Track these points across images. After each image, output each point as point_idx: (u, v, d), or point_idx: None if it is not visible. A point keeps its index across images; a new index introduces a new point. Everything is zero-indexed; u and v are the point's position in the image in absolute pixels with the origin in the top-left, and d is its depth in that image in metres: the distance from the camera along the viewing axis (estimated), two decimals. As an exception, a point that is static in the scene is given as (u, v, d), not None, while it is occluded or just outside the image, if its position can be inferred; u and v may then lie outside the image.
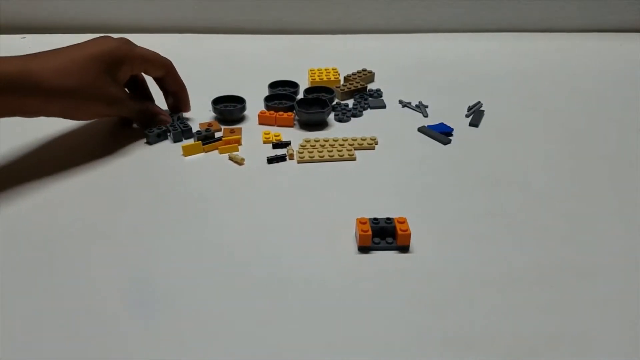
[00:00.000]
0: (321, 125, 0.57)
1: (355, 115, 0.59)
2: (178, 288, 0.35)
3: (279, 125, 0.57)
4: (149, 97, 0.56)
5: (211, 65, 0.74)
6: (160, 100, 0.57)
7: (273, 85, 0.63)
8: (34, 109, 0.44)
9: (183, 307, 0.33)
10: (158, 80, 0.55)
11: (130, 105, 0.51)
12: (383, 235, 0.38)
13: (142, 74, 0.53)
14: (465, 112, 0.60)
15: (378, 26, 0.87)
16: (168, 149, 0.52)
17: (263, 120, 0.57)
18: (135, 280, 0.35)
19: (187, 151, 0.51)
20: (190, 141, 0.53)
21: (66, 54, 0.45)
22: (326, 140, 0.52)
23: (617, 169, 0.49)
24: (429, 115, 0.60)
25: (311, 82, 0.66)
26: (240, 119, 0.58)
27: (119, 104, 0.49)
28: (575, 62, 0.76)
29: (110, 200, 0.44)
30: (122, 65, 0.48)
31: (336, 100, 0.63)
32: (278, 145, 0.52)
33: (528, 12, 0.86)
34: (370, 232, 0.37)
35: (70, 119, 0.49)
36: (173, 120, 0.54)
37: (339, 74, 0.68)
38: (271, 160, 0.50)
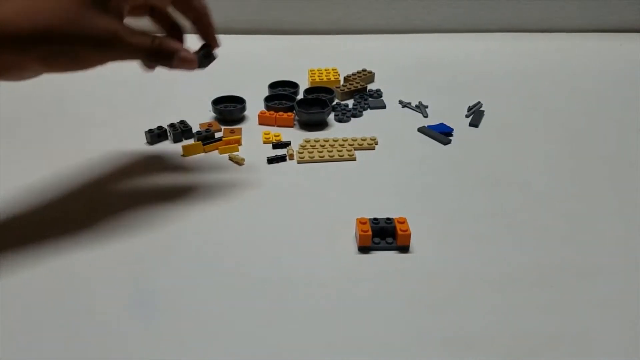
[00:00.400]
0: (321, 125, 0.57)
1: (355, 116, 0.59)
2: (178, 288, 0.35)
3: (279, 126, 0.57)
4: (176, 31, 0.43)
5: (211, 65, 0.74)
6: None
7: (273, 86, 0.63)
8: (6, 63, 0.33)
9: (183, 307, 0.33)
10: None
11: (132, 42, 0.36)
12: (383, 235, 0.38)
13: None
14: (465, 112, 0.60)
15: (378, 26, 0.87)
16: (168, 149, 0.52)
17: (263, 121, 0.57)
18: (136, 281, 0.35)
19: (187, 151, 0.51)
20: (191, 141, 0.53)
21: None
22: (326, 141, 0.52)
23: (617, 168, 0.49)
24: (429, 116, 0.60)
25: (311, 82, 0.66)
26: (241, 119, 0.58)
27: (112, 43, 0.35)
28: (575, 62, 0.76)
29: (110, 199, 0.44)
30: None
31: (336, 101, 0.63)
32: (278, 145, 0.52)
33: (528, 12, 0.86)
34: (370, 232, 0.37)
35: (57, 71, 0.37)
36: (174, 125, 0.54)
37: (338, 74, 0.68)
38: (271, 160, 0.50)
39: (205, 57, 0.40)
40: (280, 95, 0.60)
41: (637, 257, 0.38)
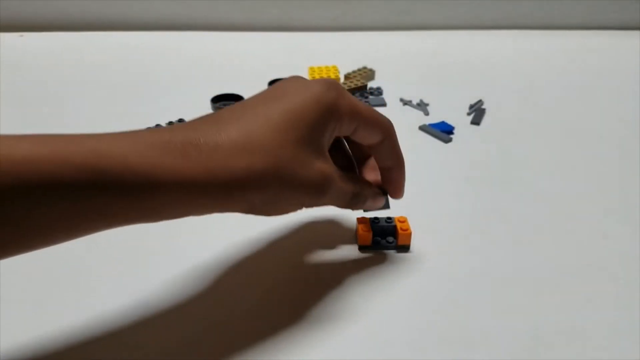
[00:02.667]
0: (321, 123, 0.56)
1: (355, 114, 0.59)
2: (178, 288, 0.34)
3: (278, 124, 0.56)
4: (351, 164, 0.36)
5: (210, 63, 0.74)
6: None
7: (273, 83, 0.63)
8: (203, 209, 0.27)
9: (182, 307, 0.33)
10: (363, 147, 0.34)
11: (342, 188, 0.31)
12: (383, 234, 0.38)
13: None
14: (467, 111, 0.60)
15: (378, 23, 0.87)
16: (166, 147, 0.52)
17: (262, 119, 0.57)
18: (135, 281, 0.35)
19: (186, 150, 0.50)
20: (189, 140, 0.53)
21: (240, 117, 0.27)
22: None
23: (619, 167, 0.49)
24: (430, 114, 0.59)
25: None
26: (240, 117, 0.58)
27: (326, 188, 0.29)
28: (578, 60, 0.75)
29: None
30: (329, 122, 0.29)
31: (336, 99, 0.63)
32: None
33: (530, 9, 0.86)
34: (370, 231, 0.37)
35: (253, 214, 0.29)
36: (173, 123, 0.54)
37: (339, 72, 0.67)
38: (270, 159, 0.49)
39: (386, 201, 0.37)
40: (280, 93, 0.60)
41: (638, 256, 0.37)
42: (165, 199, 0.24)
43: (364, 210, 0.35)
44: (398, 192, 0.36)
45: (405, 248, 0.38)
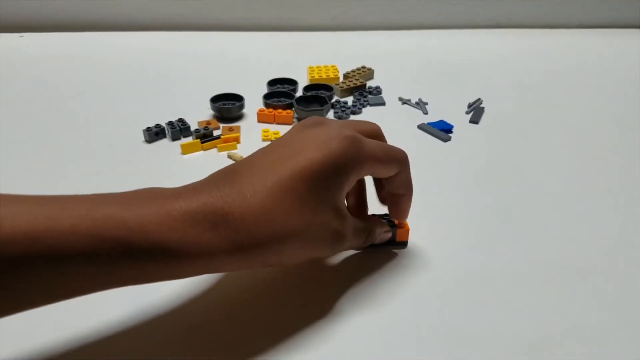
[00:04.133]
0: (320, 122, 0.57)
1: (354, 113, 0.59)
2: (177, 287, 0.35)
3: (277, 123, 0.56)
4: (364, 202, 0.37)
5: (209, 62, 0.74)
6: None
7: (272, 83, 0.63)
8: (226, 267, 0.29)
9: (181, 306, 0.33)
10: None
11: (353, 244, 0.33)
12: None
13: None
14: (466, 109, 0.60)
15: (377, 23, 0.87)
16: (166, 147, 0.52)
17: (262, 118, 0.57)
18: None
19: (186, 149, 0.50)
20: (189, 139, 0.53)
21: (260, 180, 0.27)
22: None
23: (618, 165, 0.49)
24: (428, 113, 0.59)
25: (310, 79, 0.66)
26: (239, 116, 0.58)
27: (340, 243, 0.31)
28: (576, 59, 0.76)
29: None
30: (347, 179, 0.30)
31: (335, 98, 0.63)
32: (277, 143, 0.52)
33: (528, 8, 0.86)
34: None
35: (268, 267, 0.31)
36: (172, 123, 0.54)
37: (338, 71, 0.67)
38: (270, 158, 0.49)
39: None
40: (279, 92, 0.60)
41: (638, 255, 0.37)
42: (189, 267, 0.26)
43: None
44: (403, 217, 0.37)
45: (403, 244, 0.38)
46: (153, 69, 0.72)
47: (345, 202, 0.35)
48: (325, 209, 0.29)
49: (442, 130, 0.54)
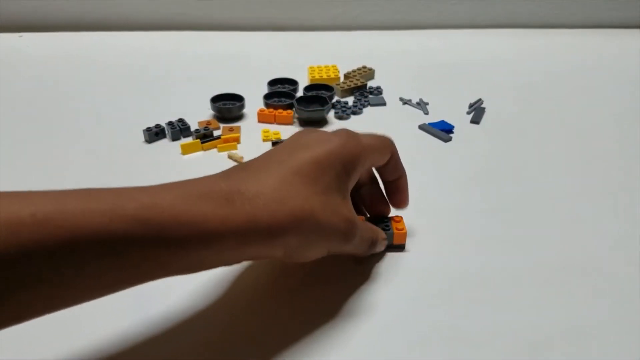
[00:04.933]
0: (321, 123, 0.57)
1: (355, 113, 0.59)
2: (176, 287, 0.34)
3: (278, 123, 0.56)
4: (382, 198, 0.38)
5: (209, 62, 0.74)
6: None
7: (272, 83, 0.63)
8: (243, 255, 0.28)
9: (180, 306, 0.33)
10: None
11: (364, 237, 0.33)
12: None
13: None
14: (466, 110, 0.60)
15: (378, 23, 0.87)
16: (166, 147, 0.52)
17: (262, 118, 0.57)
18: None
19: (186, 149, 0.50)
20: (189, 139, 0.53)
21: (272, 167, 0.28)
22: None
23: (618, 165, 0.49)
24: (429, 113, 0.59)
25: (311, 79, 0.66)
26: (239, 117, 0.58)
27: (352, 234, 0.31)
28: (576, 59, 0.75)
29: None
30: (354, 170, 0.31)
31: (336, 98, 0.63)
32: (277, 143, 0.52)
33: (529, 8, 0.86)
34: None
35: (285, 260, 0.30)
36: (172, 123, 0.54)
37: (338, 71, 0.67)
38: (270, 158, 0.49)
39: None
40: (280, 92, 0.60)
41: (638, 255, 0.37)
42: (210, 248, 0.25)
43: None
44: (405, 200, 0.38)
45: (400, 247, 0.38)
46: (153, 69, 0.71)
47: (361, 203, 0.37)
48: (336, 196, 0.29)
49: (442, 130, 0.54)
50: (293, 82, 0.63)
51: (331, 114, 0.58)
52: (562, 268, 0.36)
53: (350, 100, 0.62)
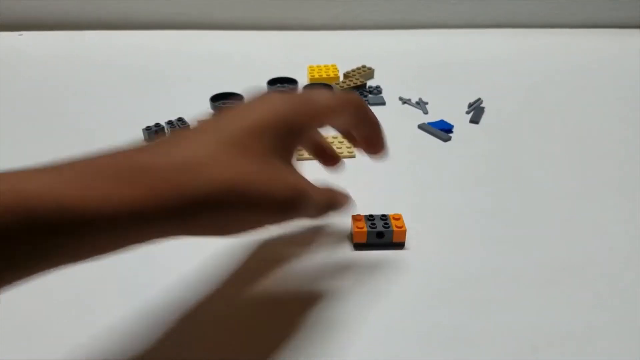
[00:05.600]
0: (320, 122, 0.56)
1: (354, 112, 0.59)
2: (176, 287, 0.34)
3: (277, 123, 0.56)
4: (328, 156, 0.38)
5: (209, 61, 0.74)
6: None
7: (272, 82, 0.63)
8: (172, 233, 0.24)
9: (179, 306, 0.33)
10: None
11: (315, 200, 0.29)
12: (380, 234, 0.38)
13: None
14: (466, 109, 0.60)
15: (378, 22, 0.87)
16: (166, 146, 0.52)
17: (262, 118, 0.57)
18: (134, 280, 0.35)
19: (185, 149, 0.50)
20: (188, 139, 0.52)
21: (193, 136, 0.26)
22: (325, 138, 0.51)
23: (618, 165, 0.49)
24: (429, 112, 0.59)
25: (310, 78, 0.66)
26: (239, 116, 0.58)
27: (298, 202, 0.27)
28: (577, 58, 0.75)
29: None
30: (300, 135, 0.29)
31: (335, 97, 0.63)
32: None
33: (529, 8, 0.86)
34: (365, 229, 0.37)
35: (210, 236, 0.26)
36: (172, 122, 0.54)
37: (338, 71, 0.67)
38: (270, 157, 0.49)
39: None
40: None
41: (638, 255, 0.37)
42: (109, 234, 0.21)
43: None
44: (383, 147, 0.35)
45: (400, 245, 0.38)
46: (153, 68, 0.71)
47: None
48: (276, 161, 0.26)
49: (442, 130, 0.54)
50: (293, 82, 0.63)
51: (331, 114, 0.58)
52: (562, 268, 0.36)
53: (349, 99, 0.62)
